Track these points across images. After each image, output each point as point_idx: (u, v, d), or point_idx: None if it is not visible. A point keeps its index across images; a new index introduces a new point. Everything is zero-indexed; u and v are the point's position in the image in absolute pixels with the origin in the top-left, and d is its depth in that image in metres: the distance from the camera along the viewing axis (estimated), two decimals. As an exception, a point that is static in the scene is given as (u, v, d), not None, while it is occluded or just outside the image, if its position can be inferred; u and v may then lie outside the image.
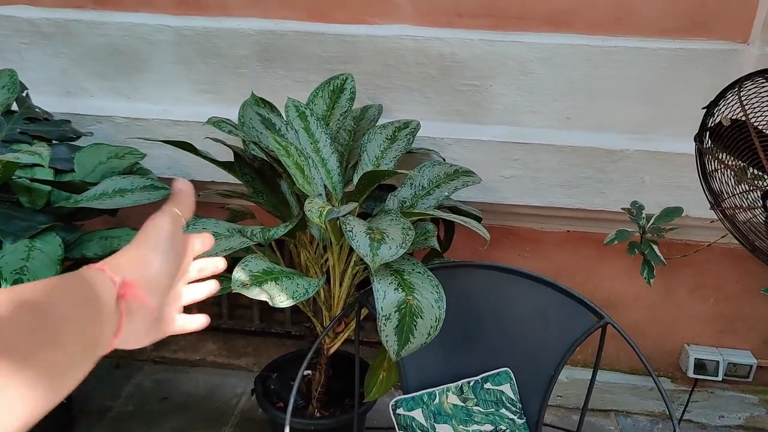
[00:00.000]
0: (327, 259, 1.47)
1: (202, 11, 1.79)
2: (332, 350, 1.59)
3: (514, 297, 1.41)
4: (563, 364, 1.36)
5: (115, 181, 1.48)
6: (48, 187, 1.48)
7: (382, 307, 1.11)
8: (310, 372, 1.71)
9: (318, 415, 1.63)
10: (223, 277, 0.84)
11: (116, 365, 2.10)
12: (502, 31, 1.70)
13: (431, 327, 1.13)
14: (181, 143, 1.44)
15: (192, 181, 1.82)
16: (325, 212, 1.13)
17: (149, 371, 2.09)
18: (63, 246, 1.30)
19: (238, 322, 2.22)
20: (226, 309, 2.19)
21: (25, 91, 1.63)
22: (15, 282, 1.18)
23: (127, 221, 1.57)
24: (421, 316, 1.12)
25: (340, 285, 1.44)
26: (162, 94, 1.86)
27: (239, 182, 1.57)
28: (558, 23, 1.68)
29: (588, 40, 1.66)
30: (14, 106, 1.60)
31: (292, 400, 1.25)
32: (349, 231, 1.11)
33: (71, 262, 1.36)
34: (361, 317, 1.43)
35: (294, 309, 2.17)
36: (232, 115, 1.69)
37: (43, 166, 1.36)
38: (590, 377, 1.38)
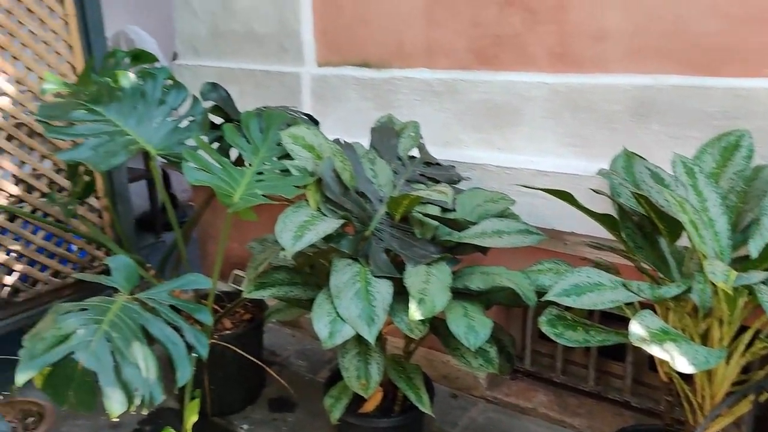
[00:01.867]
0: (706, 329, 1.36)
1: (577, 68, 1.86)
2: None
3: None
4: None
5: (493, 223, 1.60)
6: (436, 222, 1.68)
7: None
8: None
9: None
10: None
11: (453, 395, 2.24)
12: None
13: None
14: (560, 193, 1.50)
15: (551, 231, 1.85)
16: (732, 277, 1.05)
17: (483, 408, 2.18)
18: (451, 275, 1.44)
19: (571, 378, 2.18)
20: (560, 363, 2.17)
21: (421, 140, 1.88)
22: (420, 301, 1.35)
23: (495, 260, 1.68)
24: None
25: (727, 362, 1.31)
26: (529, 145, 1.97)
27: (606, 235, 1.57)
28: None
29: None
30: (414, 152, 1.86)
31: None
32: (765, 301, 1.01)
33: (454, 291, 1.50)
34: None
35: (635, 378, 2.06)
36: (595, 168, 1.73)
37: (446, 202, 1.57)
38: None
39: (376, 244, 1.57)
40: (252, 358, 1.95)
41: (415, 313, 1.34)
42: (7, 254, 2.19)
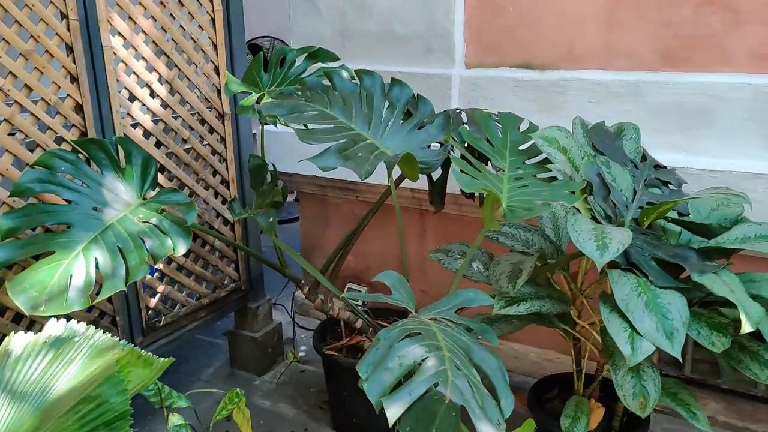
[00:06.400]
0: None
1: (785, 69, 1.83)
2: None
3: None
4: None
5: (750, 227, 1.53)
6: (679, 228, 1.60)
7: None
8: None
9: None
10: None
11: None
12: None
13: None
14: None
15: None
16: None
17: (656, 419, 2.12)
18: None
19: (740, 385, 2.14)
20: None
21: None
22: (744, 312, 1.26)
23: (735, 269, 1.62)
24: None
25: None
26: (723, 148, 1.93)
27: None
28: None
29: None
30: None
31: None
32: None
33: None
34: None
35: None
36: None
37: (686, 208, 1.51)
38: None
39: (638, 252, 1.48)
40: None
41: (746, 324, 1.26)
42: (151, 274, 1.97)
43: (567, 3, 2.06)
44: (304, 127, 1.49)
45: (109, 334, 1.02)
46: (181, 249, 1.45)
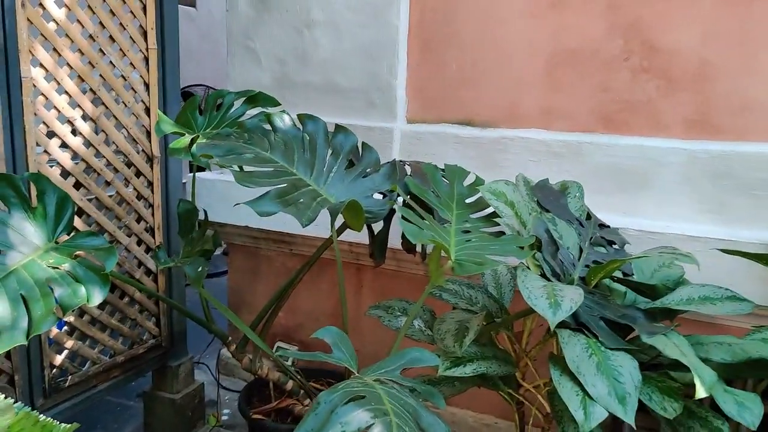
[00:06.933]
0: None
1: (716, 136, 1.89)
2: None
3: None
4: None
5: (694, 289, 1.53)
6: (624, 288, 1.58)
7: None
8: None
9: None
10: None
11: None
12: None
13: None
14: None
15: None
16: None
17: None
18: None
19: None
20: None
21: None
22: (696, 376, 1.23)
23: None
24: None
25: None
26: (659, 210, 1.96)
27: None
28: None
29: None
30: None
31: None
32: None
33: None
34: None
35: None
36: (738, 236, 1.77)
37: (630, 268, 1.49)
38: None
39: (587, 312, 1.43)
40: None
41: (700, 389, 1.22)
42: (59, 327, 1.77)
43: (508, 64, 2.09)
44: (241, 170, 1.39)
45: (3, 396, 0.87)
46: (97, 299, 1.29)
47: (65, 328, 1.79)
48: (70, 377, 1.80)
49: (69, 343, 1.79)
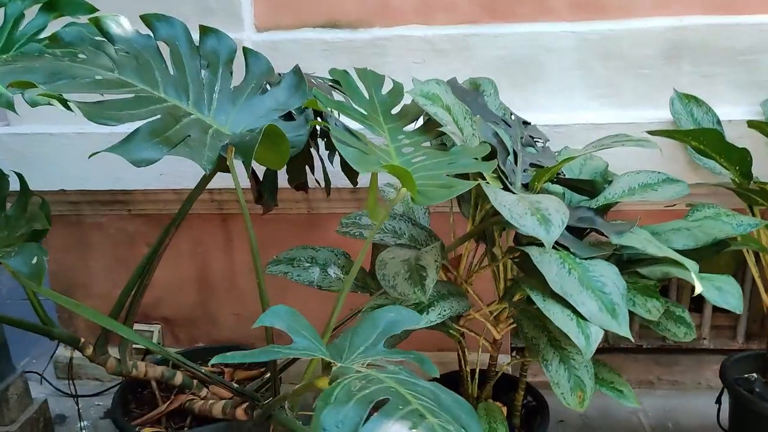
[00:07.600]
0: None
1: (602, 15, 1.78)
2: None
3: None
4: None
5: (632, 177, 1.43)
6: (561, 188, 1.43)
7: None
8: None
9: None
10: None
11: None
12: None
13: None
14: (708, 132, 1.40)
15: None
16: None
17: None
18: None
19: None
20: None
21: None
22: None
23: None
24: None
25: None
26: (554, 102, 1.83)
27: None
28: None
29: None
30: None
31: None
32: None
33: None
34: None
35: None
36: (631, 118, 1.73)
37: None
38: None
39: (544, 223, 1.24)
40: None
41: (697, 283, 1.10)
42: None
43: (375, -53, 1.75)
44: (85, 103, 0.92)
45: None
46: None
47: None
48: None
49: None
